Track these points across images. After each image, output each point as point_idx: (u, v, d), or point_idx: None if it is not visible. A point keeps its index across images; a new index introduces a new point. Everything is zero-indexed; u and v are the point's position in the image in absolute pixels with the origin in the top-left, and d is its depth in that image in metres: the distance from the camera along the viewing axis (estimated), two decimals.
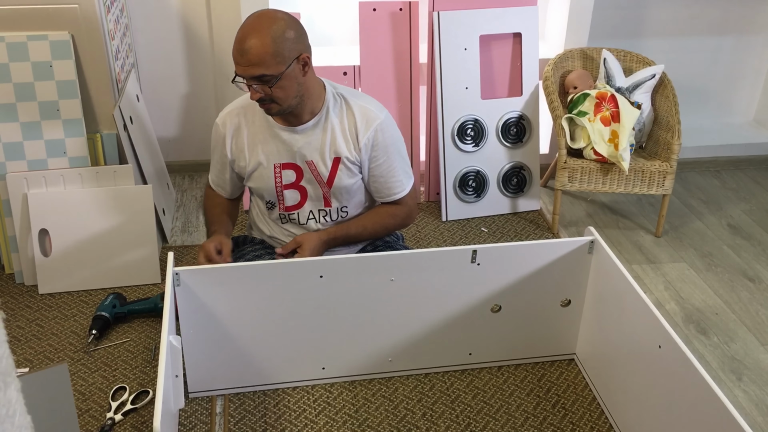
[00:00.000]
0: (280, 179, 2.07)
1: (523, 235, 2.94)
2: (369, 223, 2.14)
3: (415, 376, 2.15)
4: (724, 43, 3.52)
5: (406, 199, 2.16)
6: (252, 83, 1.87)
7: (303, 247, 2.03)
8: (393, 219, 2.16)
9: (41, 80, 2.37)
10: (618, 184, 2.85)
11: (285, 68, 1.87)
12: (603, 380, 2.06)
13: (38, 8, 2.33)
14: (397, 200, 2.15)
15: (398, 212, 2.16)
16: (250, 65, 1.84)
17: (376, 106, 2.08)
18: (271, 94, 1.89)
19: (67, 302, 2.43)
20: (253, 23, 1.86)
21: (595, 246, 2.04)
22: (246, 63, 1.84)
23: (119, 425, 1.96)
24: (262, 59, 1.83)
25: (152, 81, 3.13)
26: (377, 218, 2.15)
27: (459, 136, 2.95)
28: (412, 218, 2.21)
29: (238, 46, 1.85)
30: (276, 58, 1.84)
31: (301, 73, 1.92)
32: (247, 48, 1.83)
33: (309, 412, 2.01)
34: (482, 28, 2.89)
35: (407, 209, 2.17)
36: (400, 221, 2.18)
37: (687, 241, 2.96)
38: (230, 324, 1.95)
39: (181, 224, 2.93)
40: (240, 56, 1.85)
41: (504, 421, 2.00)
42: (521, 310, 2.11)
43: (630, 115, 2.80)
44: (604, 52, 3.00)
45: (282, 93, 1.89)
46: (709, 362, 2.30)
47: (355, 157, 2.05)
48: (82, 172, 2.45)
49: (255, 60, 1.83)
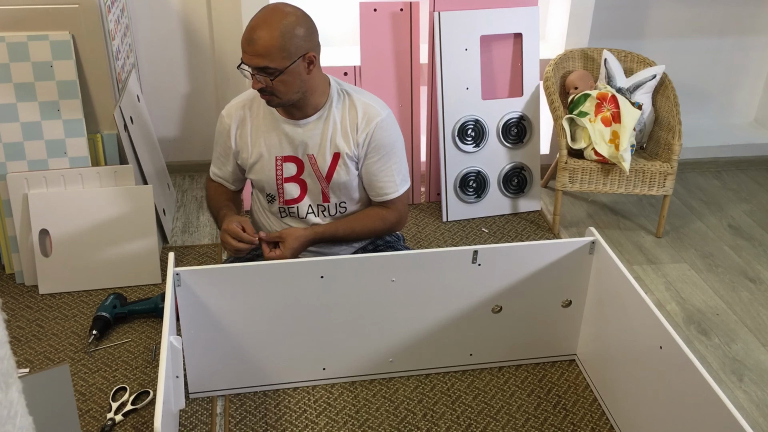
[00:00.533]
0: (281, 172, 2.08)
1: (523, 236, 2.94)
2: (358, 225, 2.12)
3: (416, 376, 2.15)
4: (724, 43, 3.52)
5: (398, 203, 2.13)
6: (255, 73, 1.89)
7: (285, 243, 2.01)
8: (383, 223, 2.13)
9: (42, 80, 2.37)
10: (619, 184, 2.85)
11: (289, 64, 1.88)
12: (604, 381, 2.06)
13: (39, 8, 2.33)
14: (389, 202, 2.12)
15: (388, 216, 2.13)
16: (256, 55, 1.86)
17: (379, 104, 2.08)
18: (273, 87, 1.90)
19: (68, 302, 2.43)
20: (265, 15, 1.88)
21: (595, 246, 2.04)
22: (252, 53, 1.86)
23: (120, 426, 1.95)
24: (268, 51, 1.85)
25: (153, 81, 3.13)
26: (367, 221, 2.13)
27: (459, 136, 2.95)
28: (402, 224, 2.18)
29: (247, 34, 1.87)
30: (282, 53, 1.86)
31: (306, 71, 1.93)
32: (255, 38, 1.85)
33: (310, 412, 2.01)
34: (483, 28, 2.89)
35: (398, 214, 2.14)
36: (389, 226, 2.15)
37: (688, 242, 2.96)
38: (231, 324, 1.95)
39: (182, 224, 2.93)
40: (247, 45, 1.87)
41: (505, 421, 2.00)
42: (522, 311, 2.11)
43: (631, 115, 2.80)
44: (604, 52, 3.00)
45: (283, 87, 1.91)
46: (710, 363, 2.30)
47: (354, 152, 2.05)
48: (83, 172, 2.44)
49: (261, 51, 1.85)
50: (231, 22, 3.01)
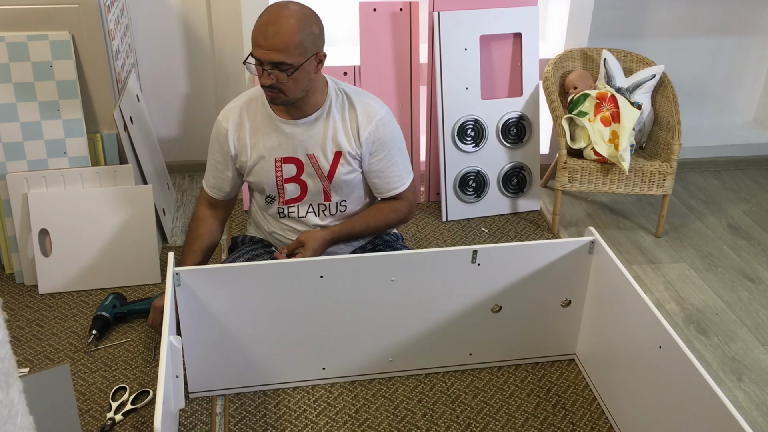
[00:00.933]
0: (280, 173, 2.08)
1: (523, 236, 2.94)
2: (372, 219, 2.16)
3: (416, 376, 2.15)
4: (724, 43, 3.52)
5: (407, 194, 2.18)
6: (268, 68, 1.88)
7: (306, 247, 2.04)
8: (395, 214, 2.18)
9: (41, 80, 2.37)
10: (618, 184, 2.85)
11: (304, 61, 1.89)
12: (603, 380, 2.06)
13: (38, 8, 2.33)
14: (398, 195, 2.16)
15: (400, 207, 2.18)
16: (274, 50, 1.85)
17: (376, 102, 2.10)
18: (283, 83, 1.90)
19: (67, 302, 2.43)
20: (281, 10, 1.87)
21: (595, 246, 2.04)
22: (269, 47, 1.85)
23: (119, 425, 1.96)
24: (287, 46, 1.84)
25: (152, 81, 3.13)
26: (380, 214, 2.17)
27: (459, 136, 2.95)
28: (413, 213, 2.23)
29: (263, 29, 1.85)
30: (299, 49, 1.86)
31: (314, 70, 1.95)
32: (274, 33, 1.84)
33: (309, 412, 2.01)
34: (482, 28, 2.89)
35: (408, 203, 2.20)
36: (402, 216, 2.20)
37: (687, 242, 2.96)
38: (230, 324, 1.95)
39: (182, 224, 2.93)
40: (264, 39, 1.85)
41: (504, 421, 2.00)
42: (522, 311, 2.11)
43: (630, 115, 2.80)
44: (604, 52, 3.01)
45: (293, 85, 1.91)
46: (709, 362, 2.30)
47: (356, 151, 2.06)
48: (83, 172, 2.44)
49: (280, 46, 1.84)
50: (231, 21, 3.01)
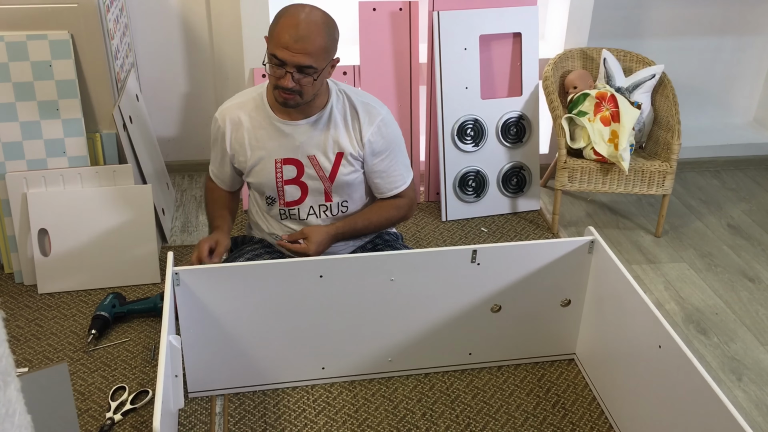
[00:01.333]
0: (280, 174, 2.08)
1: (523, 235, 2.94)
2: (374, 216, 2.17)
3: (415, 376, 2.15)
4: (724, 43, 3.52)
5: (408, 192, 2.20)
6: (292, 71, 1.88)
7: (310, 239, 2.04)
8: (397, 211, 2.19)
9: (41, 80, 2.37)
10: (618, 184, 2.85)
11: (326, 65, 1.92)
12: (603, 380, 2.06)
13: (38, 8, 2.33)
14: (399, 193, 2.17)
15: (401, 204, 2.20)
16: (304, 53, 1.85)
17: (377, 102, 2.12)
18: (305, 86, 1.91)
19: (67, 302, 2.43)
20: (309, 15, 1.87)
21: (595, 246, 2.04)
22: (299, 50, 1.85)
23: (119, 425, 1.95)
24: (317, 51, 1.86)
25: (152, 81, 3.13)
26: (382, 211, 2.18)
27: (459, 136, 2.95)
28: (414, 209, 2.25)
29: (292, 31, 1.84)
30: (325, 54, 1.89)
31: (328, 75, 1.98)
32: (305, 36, 1.84)
33: (309, 412, 2.01)
34: (482, 28, 2.89)
35: (409, 201, 2.21)
36: (404, 212, 2.21)
37: (687, 241, 2.96)
38: (230, 324, 1.95)
39: (181, 224, 2.93)
40: (294, 42, 1.84)
41: (504, 421, 2.00)
42: (521, 310, 2.11)
43: (630, 115, 2.80)
44: (604, 52, 3.00)
45: (312, 88, 1.93)
46: (709, 362, 2.30)
47: (358, 152, 2.07)
48: (82, 171, 2.44)
49: (311, 50, 1.85)
50: (230, 21, 3.01)
